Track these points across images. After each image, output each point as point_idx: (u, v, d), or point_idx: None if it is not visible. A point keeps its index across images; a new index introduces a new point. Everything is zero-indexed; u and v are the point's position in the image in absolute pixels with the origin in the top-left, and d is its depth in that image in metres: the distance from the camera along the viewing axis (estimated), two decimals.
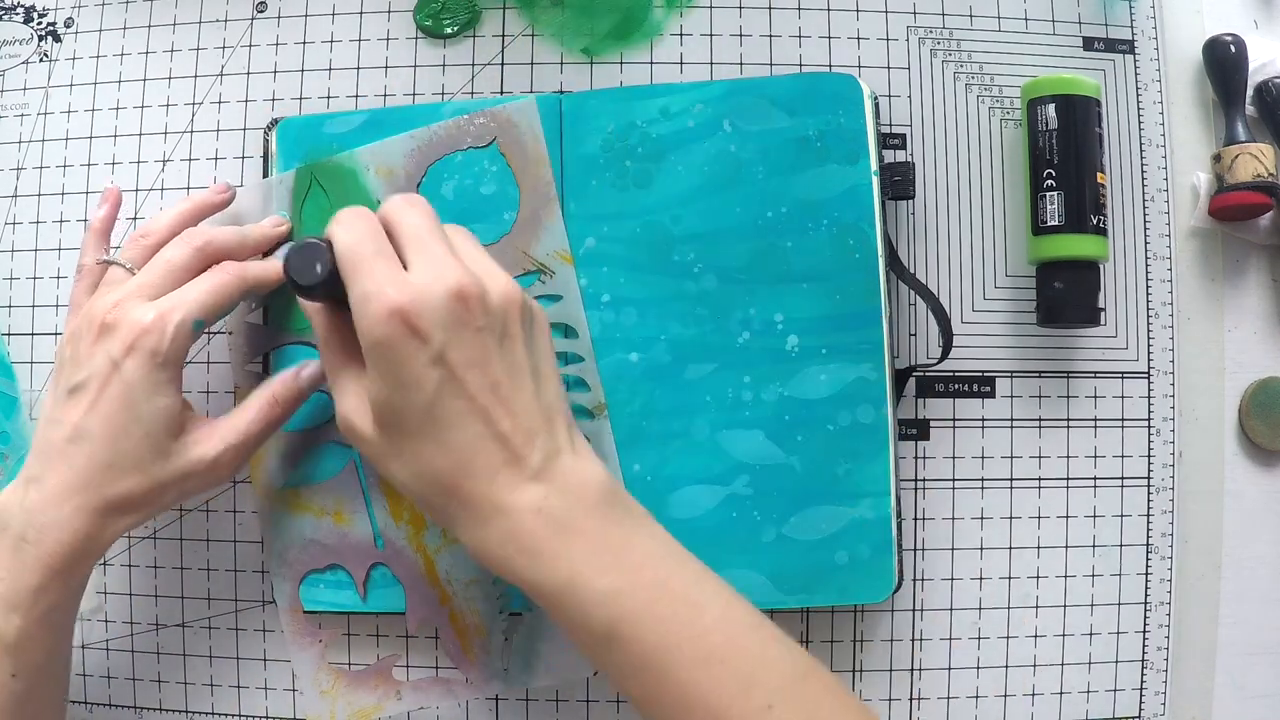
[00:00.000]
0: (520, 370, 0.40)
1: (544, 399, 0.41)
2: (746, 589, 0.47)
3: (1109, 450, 0.52)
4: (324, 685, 0.51)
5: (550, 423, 0.41)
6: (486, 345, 0.39)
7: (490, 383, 0.39)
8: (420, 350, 0.38)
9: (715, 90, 0.49)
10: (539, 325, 0.42)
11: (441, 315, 0.38)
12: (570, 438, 0.41)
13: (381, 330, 0.38)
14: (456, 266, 0.40)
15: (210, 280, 0.44)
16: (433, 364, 0.38)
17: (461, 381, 0.39)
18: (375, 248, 0.40)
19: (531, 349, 0.41)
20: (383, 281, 0.39)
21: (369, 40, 0.54)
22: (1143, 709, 0.52)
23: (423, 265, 0.39)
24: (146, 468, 0.43)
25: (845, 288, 0.49)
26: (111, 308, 0.43)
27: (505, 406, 0.39)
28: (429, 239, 0.41)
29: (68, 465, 0.42)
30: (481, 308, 0.39)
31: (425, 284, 0.39)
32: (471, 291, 0.39)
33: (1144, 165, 0.54)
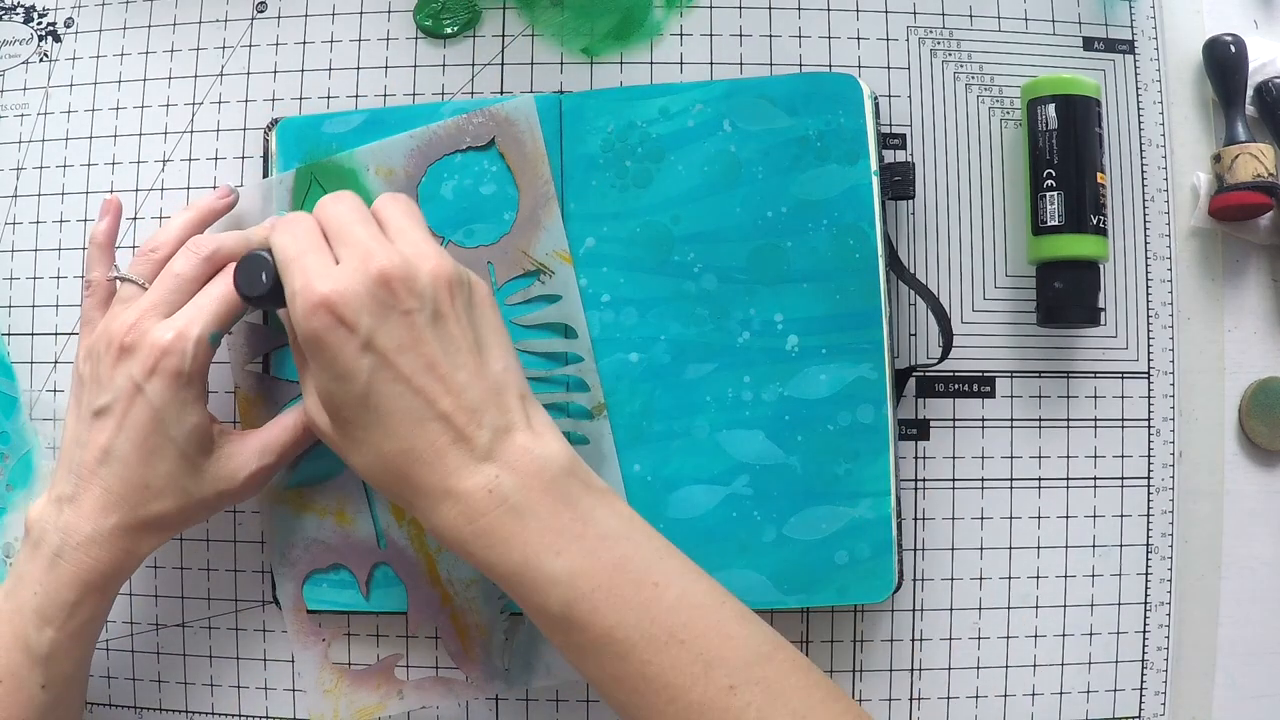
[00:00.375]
0: (457, 347, 0.39)
1: (489, 374, 0.40)
2: (746, 589, 0.48)
3: (1109, 450, 0.52)
4: (327, 684, 0.51)
5: (499, 397, 0.40)
6: (416, 326, 0.39)
7: (425, 364, 0.39)
8: (349, 339, 0.38)
9: (715, 90, 0.49)
10: (479, 298, 0.41)
11: (366, 302, 0.38)
12: (525, 413, 0.40)
13: (310, 324, 0.38)
14: (381, 251, 0.39)
15: (220, 289, 0.45)
16: (363, 351, 0.38)
17: (394, 366, 0.38)
18: (305, 245, 0.40)
19: (472, 323, 0.41)
20: (310, 276, 0.39)
21: (369, 40, 0.54)
22: (1143, 709, 0.52)
23: (348, 255, 0.40)
24: (182, 486, 0.43)
25: (845, 288, 0.49)
26: (129, 329, 0.43)
27: (443, 384, 0.39)
28: (353, 227, 0.41)
29: (101, 485, 0.42)
30: (407, 289, 0.39)
31: (348, 272, 0.39)
32: (395, 274, 0.39)
33: (1144, 165, 0.54)
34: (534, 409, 0.41)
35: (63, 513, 0.43)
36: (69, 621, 0.42)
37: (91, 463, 0.43)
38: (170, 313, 0.44)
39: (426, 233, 0.42)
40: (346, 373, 0.39)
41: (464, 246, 0.49)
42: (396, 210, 0.43)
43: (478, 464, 0.39)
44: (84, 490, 0.43)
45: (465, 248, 0.49)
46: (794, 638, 0.51)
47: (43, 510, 0.43)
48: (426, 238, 0.42)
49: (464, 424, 0.39)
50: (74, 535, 0.42)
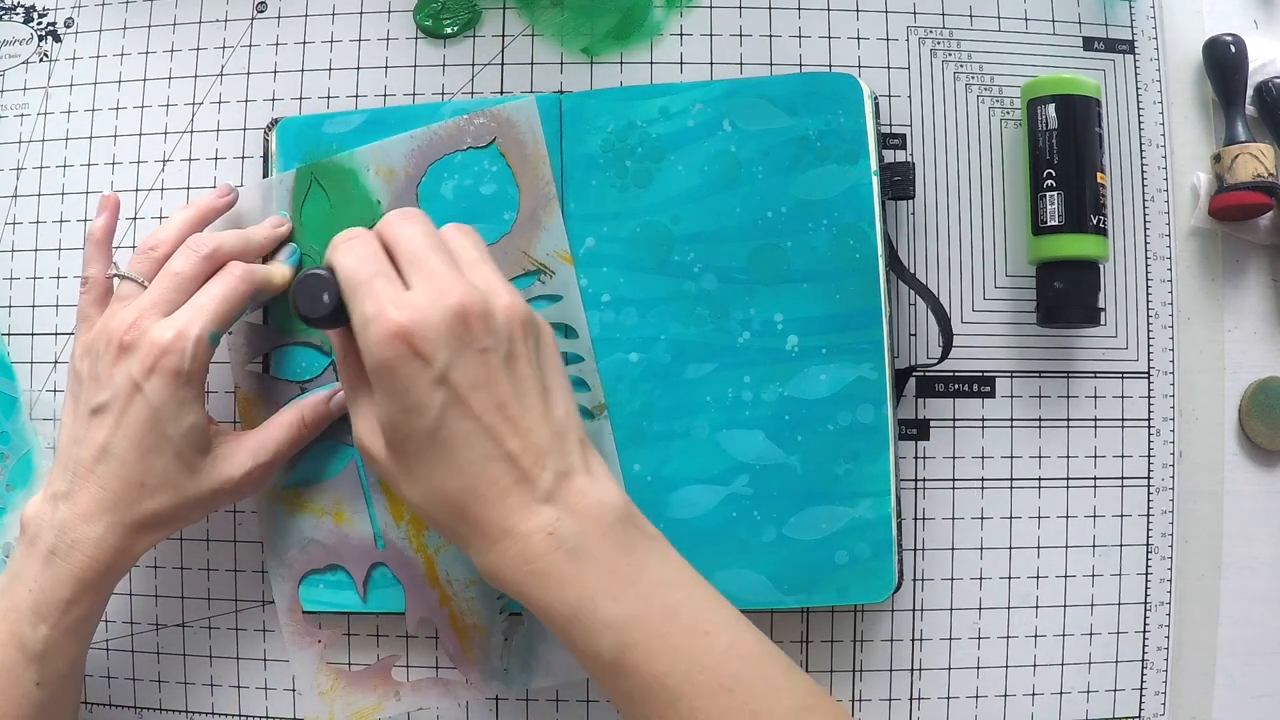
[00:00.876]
0: (527, 389, 0.39)
1: (554, 417, 0.40)
2: (746, 589, 0.48)
3: (1109, 450, 0.52)
4: (323, 686, 0.51)
5: (562, 441, 0.40)
6: (491, 365, 0.38)
7: (496, 403, 0.38)
8: (423, 372, 0.38)
9: (715, 90, 0.49)
10: (545, 341, 0.42)
11: (444, 335, 0.38)
12: (584, 458, 0.40)
13: (384, 353, 0.38)
14: (458, 283, 0.39)
15: (220, 288, 0.45)
16: (436, 385, 0.38)
17: (466, 402, 0.38)
18: (375, 269, 0.39)
19: (539, 366, 0.40)
20: (383, 303, 0.38)
21: (369, 40, 0.54)
22: (1143, 709, 0.52)
23: (423, 283, 0.39)
24: (178, 485, 0.43)
25: (845, 288, 0.49)
26: (128, 327, 0.43)
27: (512, 426, 0.39)
28: (428, 254, 0.40)
29: (98, 483, 0.42)
30: (484, 327, 0.38)
31: (426, 304, 0.38)
32: (474, 310, 0.38)
33: (1144, 165, 0.54)
34: (591, 454, 0.41)
35: (58, 510, 0.43)
36: (64, 619, 0.42)
37: (88, 460, 0.43)
38: (169, 311, 0.44)
39: (495, 268, 0.42)
40: (417, 406, 0.38)
41: None
42: (466, 242, 0.42)
43: (538, 505, 0.38)
44: (80, 488, 0.42)
45: None
46: (794, 638, 0.51)
47: (38, 508, 0.43)
48: (498, 273, 0.41)
49: (529, 465, 0.39)
50: (69, 533, 0.42)
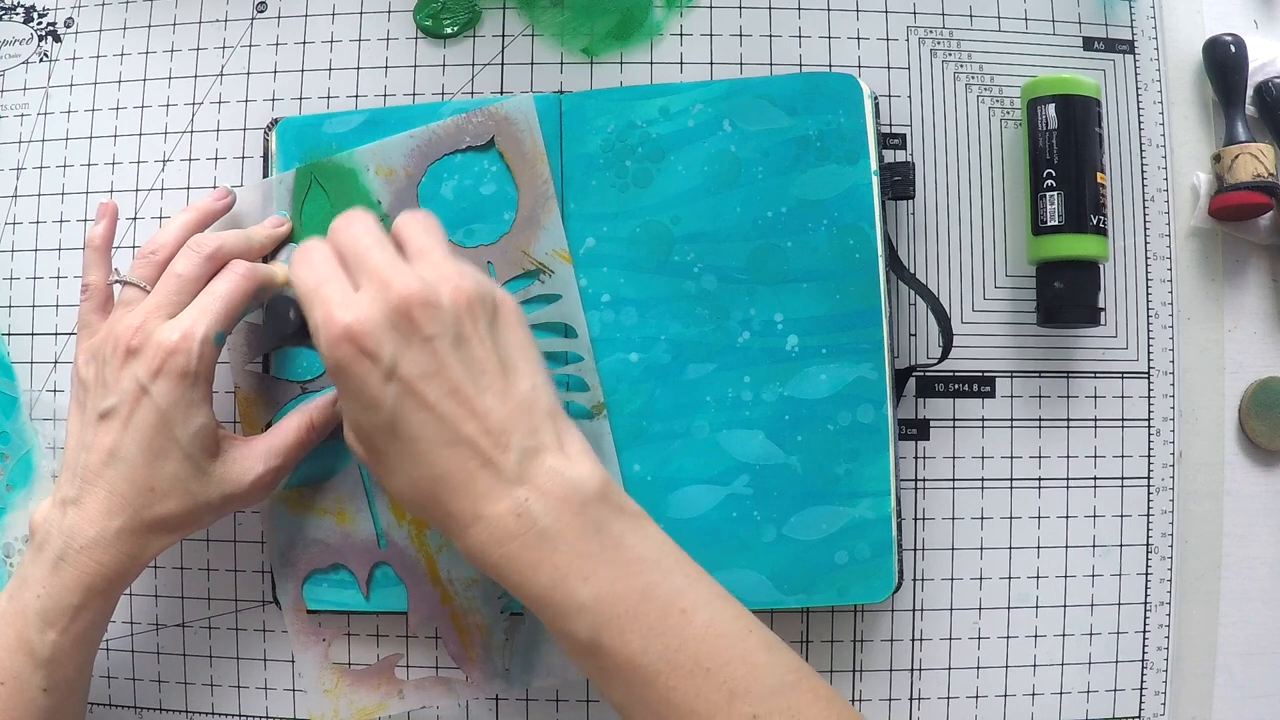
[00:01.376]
0: (482, 370, 0.39)
1: (516, 393, 0.39)
2: (746, 589, 0.48)
3: (1109, 450, 0.52)
4: (327, 684, 0.51)
5: (528, 418, 0.39)
6: (439, 351, 0.38)
7: (448, 389, 0.38)
8: (373, 369, 0.38)
9: (715, 90, 0.49)
10: (505, 318, 0.41)
11: (387, 330, 0.38)
12: (557, 434, 0.40)
13: (335, 355, 0.38)
14: (399, 276, 0.39)
15: (224, 286, 0.45)
16: (387, 380, 0.38)
17: (419, 393, 0.38)
18: (323, 275, 0.40)
19: (497, 344, 0.40)
20: (330, 306, 0.39)
21: (369, 40, 0.54)
22: (1143, 709, 0.52)
23: (367, 283, 0.39)
24: (189, 489, 0.43)
25: (845, 288, 0.49)
26: (134, 331, 0.43)
27: (468, 409, 0.38)
28: (369, 252, 0.40)
29: (106, 488, 0.42)
30: (428, 315, 0.38)
31: (368, 301, 0.38)
32: (415, 300, 0.38)
33: (1144, 165, 0.54)
34: (566, 428, 0.41)
35: (67, 515, 0.43)
36: (72, 625, 0.42)
37: (96, 465, 0.43)
38: (174, 313, 0.44)
39: (447, 251, 0.41)
40: (372, 402, 0.38)
41: (464, 246, 0.49)
42: (416, 229, 0.42)
43: (507, 487, 0.38)
44: (88, 493, 0.42)
45: (465, 248, 0.49)
46: (794, 638, 0.51)
47: (47, 513, 0.43)
48: (447, 256, 0.41)
49: (490, 447, 0.38)
50: (78, 538, 0.42)
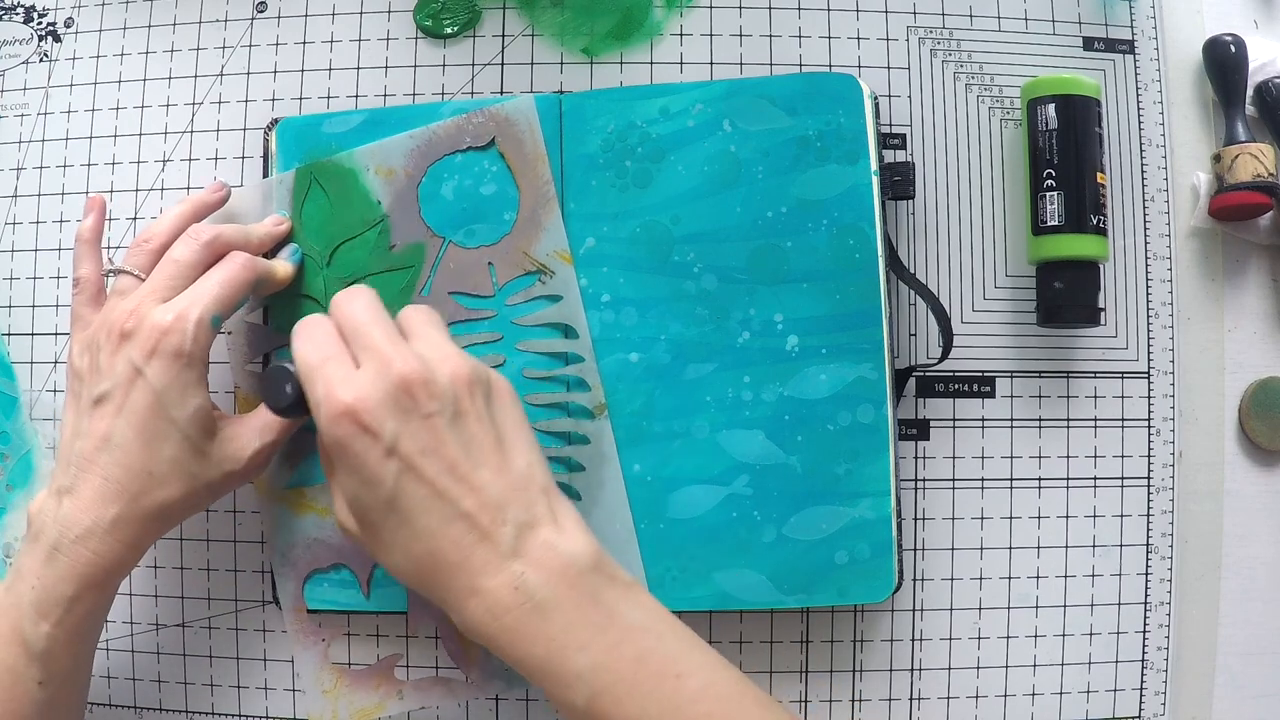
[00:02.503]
0: (478, 446, 0.40)
1: (512, 469, 0.40)
2: (746, 589, 0.48)
3: (1109, 450, 0.52)
4: (326, 685, 0.51)
5: (523, 493, 0.40)
6: (437, 428, 0.39)
7: (446, 465, 0.39)
8: (373, 446, 0.38)
9: (715, 90, 0.49)
10: (499, 396, 0.42)
11: (388, 408, 0.39)
12: (550, 508, 0.40)
13: (335, 432, 0.39)
14: (399, 356, 0.39)
15: (222, 273, 0.45)
16: (387, 457, 0.39)
17: (418, 469, 0.39)
18: (326, 353, 0.40)
19: (493, 420, 0.41)
20: (332, 384, 0.39)
21: (369, 40, 0.54)
22: (1143, 709, 0.52)
23: (368, 360, 0.40)
24: (189, 472, 0.43)
25: (845, 288, 0.49)
26: (128, 315, 0.43)
27: (466, 485, 0.39)
28: (370, 328, 0.41)
29: (101, 474, 0.42)
30: (427, 393, 0.39)
31: (370, 380, 0.39)
32: (415, 378, 0.39)
33: (1144, 165, 0.54)
34: (559, 502, 0.41)
35: (61, 505, 0.42)
36: (66, 617, 0.42)
37: (90, 451, 0.42)
38: (169, 298, 0.44)
39: (446, 335, 0.42)
40: (372, 479, 0.39)
41: (464, 247, 0.49)
42: (418, 318, 0.43)
43: (502, 561, 0.39)
44: (83, 481, 0.42)
45: (465, 248, 0.49)
46: (794, 638, 0.51)
47: (43, 503, 0.43)
48: (445, 339, 0.42)
49: (487, 523, 0.39)
50: (72, 528, 0.42)
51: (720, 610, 0.50)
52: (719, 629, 0.51)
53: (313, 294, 0.50)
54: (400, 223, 0.50)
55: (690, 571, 0.48)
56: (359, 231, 0.50)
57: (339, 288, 0.50)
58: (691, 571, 0.48)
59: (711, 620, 0.51)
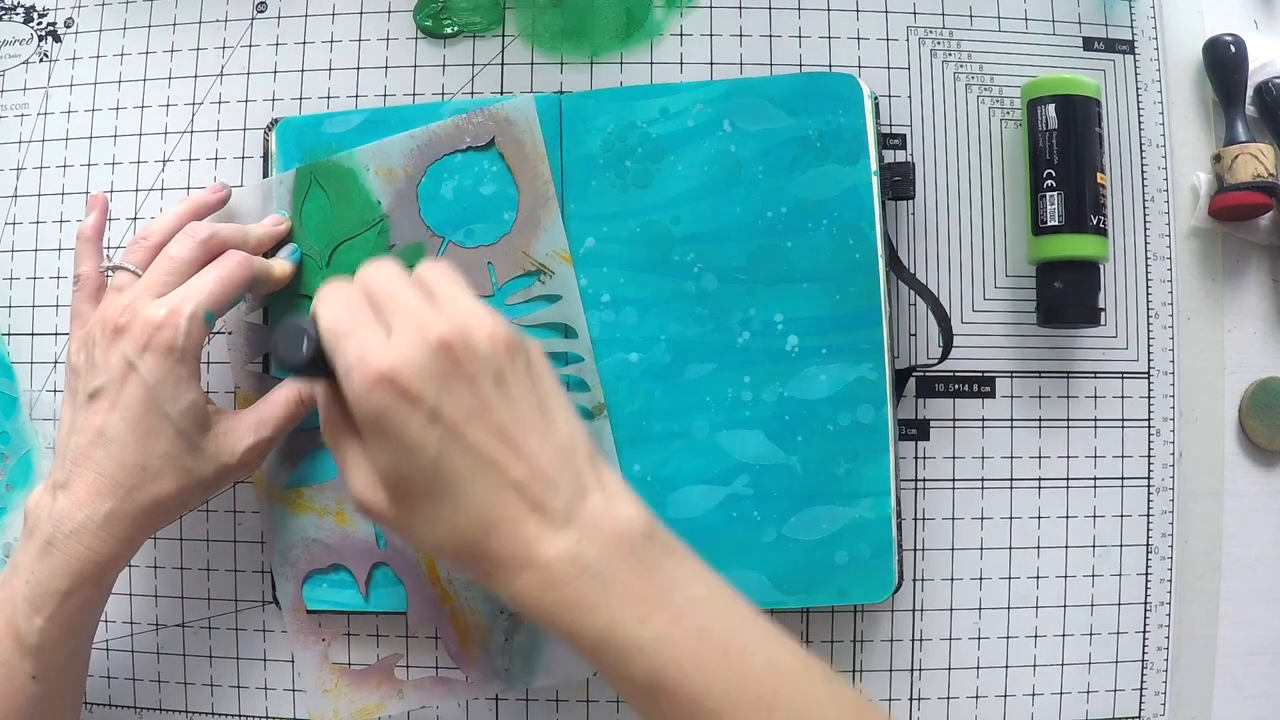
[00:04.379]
0: (524, 411, 0.38)
1: (557, 436, 0.38)
2: (746, 589, 0.47)
3: (1109, 450, 0.52)
4: (326, 684, 0.51)
5: (570, 460, 0.38)
6: (482, 391, 0.37)
7: (494, 430, 0.37)
8: (414, 412, 0.36)
9: (715, 90, 0.49)
10: (536, 360, 0.40)
11: (429, 371, 0.36)
12: (597, 473, 0.38)
13: (372, 399, 0.36)
14: (435, 318, 0.37)
15: (218, 270, 0.45)
16: (430, 423, 0.36)
17: (464, 435, 0.36)
18: (355, 318, 0.38)
19: (533, 386, 0.39)
20: (364, 349, 0.37)
21: (369, 40, 0.54)
22: (1143, 709, 0.52)
23: (401, 324, 0.38)
24: (183, 467, 0.43)
25: (845, 288, 0.49)
26: (123, 310, 0.43)
27: (515, 451, 0.37)
28: (402, 294, 0.39)
29: (95, 470, 0.42)
30: (469, 354, 0.37)
31: (407, 343, 0.37)
32: (455, 341, 0.37)
33: (1144, 165, 0.54)
34: (604, 467, 0.39)
35: (57, 500, 0.42)
36: (60, 611, 0.42)
37: (85, 445, 0.42)
38: (164, 294, 0.44)
39: (474, 297, 0.40)
40: (414, 446, 0.36)
41: (464, 246, 0.49)
42: (441, 278, 0.41)
43: (557, 531, 0.37)
44: (77, 475, 0.42)
45: (465, 248, 0.49)
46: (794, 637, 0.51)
47: (38, 498, 0.43)
48: (476, 301, 0.40)
49: (540, 491, 0.37)
50: (66, 523, 0.42)
51: None
52: None
53: (312, 294, 0.50)
54: (400, 222, 0.50)
55: None
56: (359, 231, 0.50)
57: None
58: None
59: None
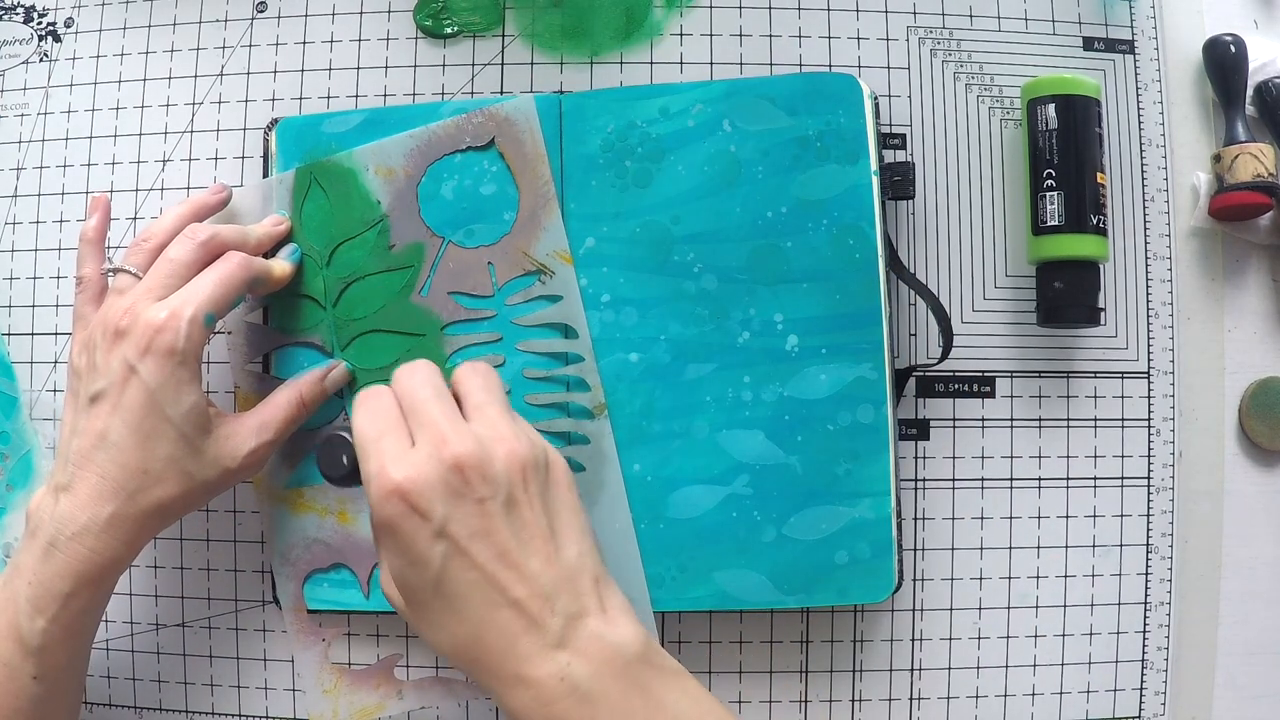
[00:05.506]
0: (532, 534, 0.39)
1: (563, 559, 0.39)
2: (746, 589, 0.48)
3: (1109, 450, 0.52)
4: (326, 684, 0.51)
5: (572, 583, 0.39)
6: (490, 514, 0.38)
7: (497, 551, 0.38)
8: (422, 526, 0.38)
9: (715, 90, 0.49)
10: (556, 481, 0.41)
11: (439, 490, 0.38)
12: (599, 597, 0.39)
13: (384, 510, 0.38)
14: (457, 436, 0.39)
15: (217, 272, 0.45)
16: (436, 539, 0.38)
17: (467, 553, 0.38)
18: (383, 428, 0.40)
19: (547, 507, 0.40)
20: (385, 461, 0.38)
21: (369, 40, 0.54)
22: (1143, 709, 0.52)
23: (424, 439, 0.39)
24: (184, 469, 0.43)
25: (845, 288, 0.49)
26: (123, 313, 0.43)
27: (516, 573, 0.38)
28: (428, 405, 0.40)
29: (97, 472, 0.42)
30: (481, 477, 0.38)
31: (423, 459, 0.38)
32: (470, 462, 0.38)
33: (1144, 165, 0.54)
34: (608, 590, 0.40)
35: (59, 502, 0.42)
36: (62, 612, 0.42)
37: (87, 449, 0.42)
38: (165, 296, 0.44)
39: (505, 407, 0.41)
40: (420, 559, 0.38)
41: (464, 247, 0.49)
42: (476, 384, 0.42)
43: (550, 651, 0.38)
44: (80, 478, 0.42)
45: (465, 248, 0.49)
46: (794, 638, 0.51)
47: (41, 500, 0.43)
48: (504, 414, 0.41)
49: (537, 611, 0.38)
50: (69, 525, 0.42)
51: (720, 610, 0.50)
52: (719, 629, 0.51)
53: (313, 294, 0.50)
54: (400, 222, 0.50)
55: (690, 571, 0.48)
56: (358, 231, 0.50)
57: (339, 287, 0.50)
58: (691, 571, 0.48)
59: (711, 620, 0.51)
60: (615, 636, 0.39)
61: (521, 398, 0.49)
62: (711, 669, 0.51)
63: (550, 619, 0.38)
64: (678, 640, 0.51)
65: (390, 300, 0.49)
